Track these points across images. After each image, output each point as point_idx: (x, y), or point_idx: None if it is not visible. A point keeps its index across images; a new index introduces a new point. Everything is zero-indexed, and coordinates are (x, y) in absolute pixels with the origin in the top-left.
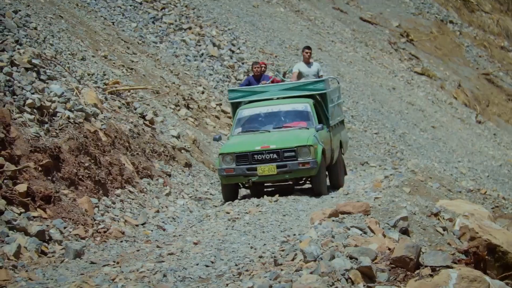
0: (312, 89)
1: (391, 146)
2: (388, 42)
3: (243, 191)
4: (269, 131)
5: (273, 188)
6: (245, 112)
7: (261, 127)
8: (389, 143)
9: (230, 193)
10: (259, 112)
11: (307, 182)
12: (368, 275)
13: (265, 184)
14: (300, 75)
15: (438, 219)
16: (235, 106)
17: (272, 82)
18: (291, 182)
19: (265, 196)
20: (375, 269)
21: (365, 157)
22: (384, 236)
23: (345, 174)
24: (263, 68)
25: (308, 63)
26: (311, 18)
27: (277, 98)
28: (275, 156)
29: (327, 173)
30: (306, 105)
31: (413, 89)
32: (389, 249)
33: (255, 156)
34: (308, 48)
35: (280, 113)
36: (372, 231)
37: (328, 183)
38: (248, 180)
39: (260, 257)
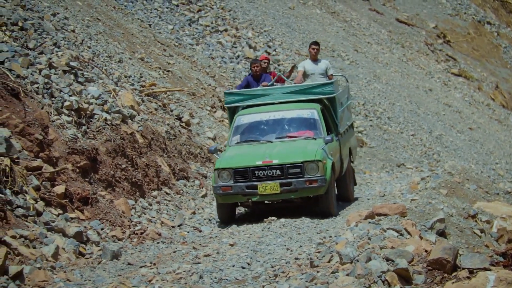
0: (319, 93)
1: (428, 148)
2: (425, 43)
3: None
4: (271, 142)
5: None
6: (244, 119)
7: (262, 136)
8: (425, 145)
9: (226, 214)
10: (260, 119)
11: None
12: (404, 277)
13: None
14: (305, 74)
15: (476, 221)
16: (233, 111)
17: (276, 81)
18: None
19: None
20: (411, 271)
21: (401, 159)
22: (421, 238)
23: (355, 184)
24: (264, 65)
25: (315, 60)
26: (347, 19)
27: (280, 103)
28: (278, 172)
29: (335, 183)
30: (313, 112)
31: (450, 90)
32: (426, 251)
33: (256, 172)
34: (315, 43)
35: (284, 120)
36: (408, 233)
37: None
38: (248, 199)
39: (296, 258)
